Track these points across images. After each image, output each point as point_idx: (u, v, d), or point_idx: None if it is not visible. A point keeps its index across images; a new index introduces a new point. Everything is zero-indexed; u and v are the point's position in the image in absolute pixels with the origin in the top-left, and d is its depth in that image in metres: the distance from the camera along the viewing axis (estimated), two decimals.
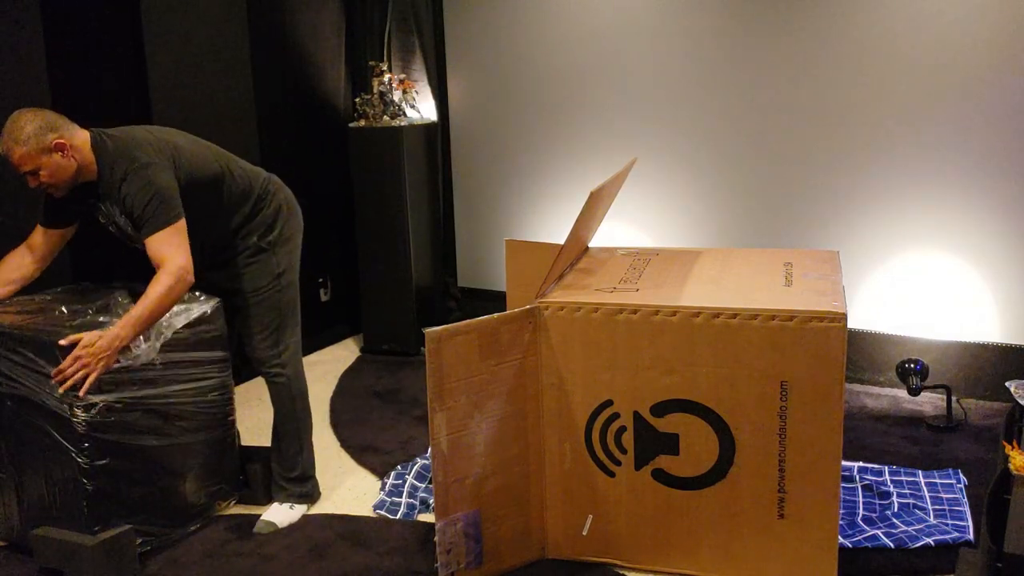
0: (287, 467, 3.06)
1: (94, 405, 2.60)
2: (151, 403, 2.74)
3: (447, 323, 2.48)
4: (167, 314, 2.73)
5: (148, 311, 2.60)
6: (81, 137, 2.67)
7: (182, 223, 2.67)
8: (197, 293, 2.87)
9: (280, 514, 3.01)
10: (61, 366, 2.54)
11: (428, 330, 2.41)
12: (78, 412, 2.58)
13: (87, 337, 2.55)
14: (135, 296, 2.81)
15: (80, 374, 2.54)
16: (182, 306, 2.81)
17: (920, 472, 3.13)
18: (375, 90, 4.55)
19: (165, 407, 2.78)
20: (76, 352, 2.53)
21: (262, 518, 2.99)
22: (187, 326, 2.81)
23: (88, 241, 3.13)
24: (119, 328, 2.58)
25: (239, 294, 2.95)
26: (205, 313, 2.86)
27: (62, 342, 2.53)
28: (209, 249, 2.89)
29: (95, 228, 3.01)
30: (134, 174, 2.64)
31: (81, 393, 2.54)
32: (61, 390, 2.54)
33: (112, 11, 3.68)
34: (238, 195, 2.88)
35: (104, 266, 3.39)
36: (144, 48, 3.69)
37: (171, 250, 2.63)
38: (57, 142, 2.58)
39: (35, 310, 2.80)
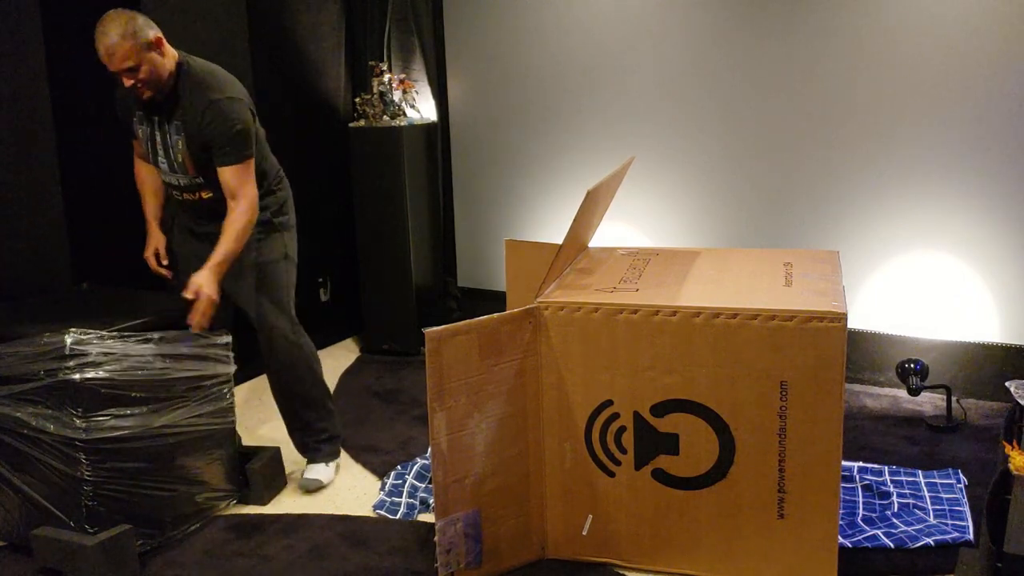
0: (320, 429, 3.20)
1: (93, 405, 2.61)
2: (151, 403, 2.74)
3: (447, 323, 2.47)
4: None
5: (236, 244, 2.83)
6: (172, 50, 2.77)
7: (253, 161, 2.85)
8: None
9: (323, 471, 3.18)
10: (190, 317, 2.79)
11: (428, 330, 2.41)
12: (78, 413, 2.59)
13: (199, 284, 2.76)
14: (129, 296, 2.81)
15: (202, 316, 2.80)
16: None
17: (920, 472, 3.13)
18: (375, 90, 4.55)
19: (165, 407, 2.78)
20: (197, 301, 2.77)
21: (305, 476, 3.15)
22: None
23: (88, 241, 3.13)
24: (218, 264, 2.79)
25: (254, 264, 3.02)
26: None
27: (186, 295, 2.78)
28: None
29: (95, 230, 3.01)
30: (223, 104, 2.76)
31: (206, 326, 2.82)
32: (196, 330, 2.81)
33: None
34: (260, 173, 2.97)
35: (104, 266, 3.39)
36: None
37: (245, 183, 2.83)
38: (157, 37, 2.69)
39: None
